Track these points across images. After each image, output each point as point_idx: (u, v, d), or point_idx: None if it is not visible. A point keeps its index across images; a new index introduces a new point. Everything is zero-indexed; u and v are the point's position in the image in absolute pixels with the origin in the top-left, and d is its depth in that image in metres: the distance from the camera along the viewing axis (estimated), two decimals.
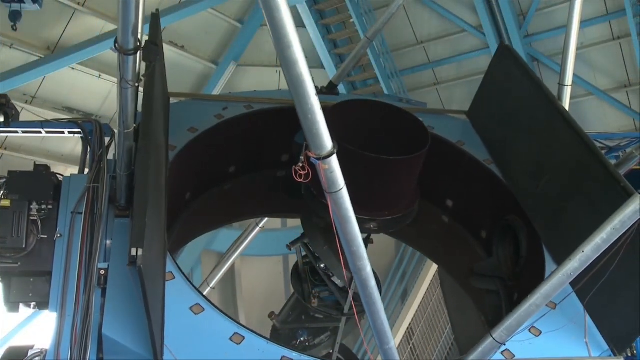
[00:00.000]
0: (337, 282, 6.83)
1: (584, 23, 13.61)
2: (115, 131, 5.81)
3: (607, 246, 4.44)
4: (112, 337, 4.62)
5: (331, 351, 6.91)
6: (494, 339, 4.77)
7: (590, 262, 4.54)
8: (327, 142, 3.78)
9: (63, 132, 6.33)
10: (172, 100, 7.28)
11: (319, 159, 3.78)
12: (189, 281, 5.24)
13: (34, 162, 5.92)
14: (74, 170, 6.11)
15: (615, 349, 5.26)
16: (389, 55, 15.88)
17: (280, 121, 6.75)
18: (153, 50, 4.96)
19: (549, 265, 5.88)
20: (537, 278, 5.67)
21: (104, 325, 4.70)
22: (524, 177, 6.52)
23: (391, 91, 15.54)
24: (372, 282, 4.40)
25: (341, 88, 9.45)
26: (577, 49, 6.53)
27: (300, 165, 3.85)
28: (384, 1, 14.70)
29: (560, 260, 5.75)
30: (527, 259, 6.36)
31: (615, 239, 4.41)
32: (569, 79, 6.56)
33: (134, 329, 4.57)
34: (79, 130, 6.14)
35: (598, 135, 7.79)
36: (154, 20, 6.46)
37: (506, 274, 6.66)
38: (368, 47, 8.15)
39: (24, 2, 9.44)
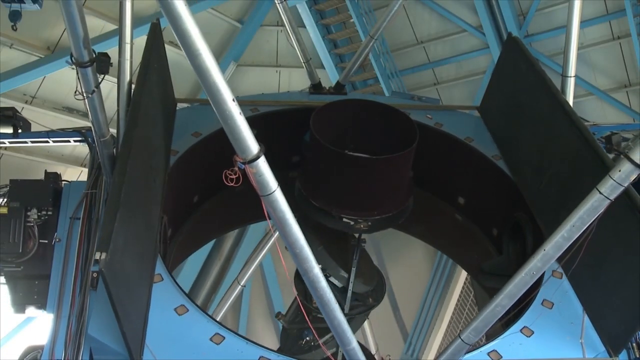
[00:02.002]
0: (335, 282, 6.82)
1: (584, 23, 13.61)
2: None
3: (569, 244, 4.41)
4: (96, 337, 4.71)
5: (337, 351, 6.88)
6: (462, 340, 4.77)
7: (554, 260, 4.49)
8: (252, 146, 3.81)
9: (69, 141, 6.61)
10: (181, 105, 7.40)
11: (244, 163, 3.82)
12: (176, 283, 5.35)
13: (45, 170, 6.13)
14: (75, 170, 6.26)
15: (611, 350, 5.14)
16: (389, 55, 15.88)
17: (287, 122, 6.79)
18: (105, 62, 5.14)
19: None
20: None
21: (90, 326, 4.79)
22: (530, 172, 6.46)
23: (391, 91, 15.54)
24: (322, 283, 4.35)
25: None
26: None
27: (232, 169, 3.89)
28: (384, 1, 14.70)
29: (559, 257, 5.74)
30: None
31: (577, 236, 4.37)
32: (572, 70, 6.38)
33: (117, 329, 4.63)
34: (83, 138, 6.43)
35: (614, 126, 7.65)
36: (153, 29, 6.54)
37: (515, 272, 6.57)
38: (373, 45, 8.13)
39: (24, 2, 9.41)
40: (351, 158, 6.34)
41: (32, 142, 6.91)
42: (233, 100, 3.65)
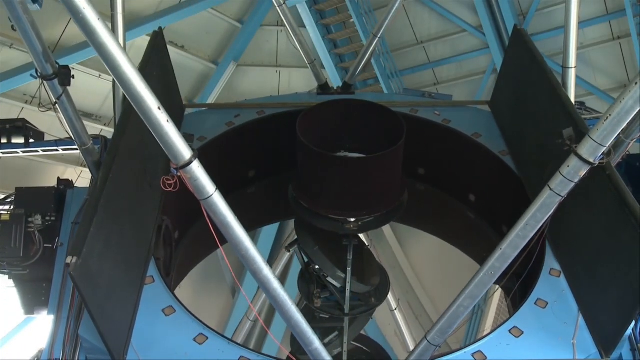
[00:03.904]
0: (333, 282, 6.81)
1: (584, 23, 13.62)
2: None
3: (525, 243, 4.38)
4: (86, 338, 4.85)
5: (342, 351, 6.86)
6: (428, 341, 4.78)
7: (512, 260, 4.44)
8: (184, 152, 3.83)
9: (77, 149, 6.76)
10: (191, 110, 7.60)
11: (177, 168, 3.85)
12: (166, 285, 5.47)
13: (58, 177, 6.39)
14: (75, 170, 6.42)
15: (603, 351, 4.93)
16: (389, 55, 15.87)
17: (295, 124, 6.81)
18: (65, 74, 5.33)
19: (548, 260, 5.65)
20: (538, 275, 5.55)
21: (81, 327, 4.94)
22: (533, 168, 6.33)
23: (391, 91, 15.52)
24: (274, 284, 4.34)
25: None
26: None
27: (170, 175, 3.93)
28: (384, 1, 14.69)
29: (558, 255, 5.62)
30: (536, 255, 6.16)
31: (533, 234, 4.34)
32: (572, 60, 6.28)
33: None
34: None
35: None
36: (154, 38, 6.58)
37: (522, 269, 6.45)
38: (376, 43, 8.11)
39: None
40: (333, 158, 6.34)
41: (44, 151, 7.44)
42: (159, 108, 3.68)
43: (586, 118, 7.25)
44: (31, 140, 7.55)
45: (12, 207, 5.97)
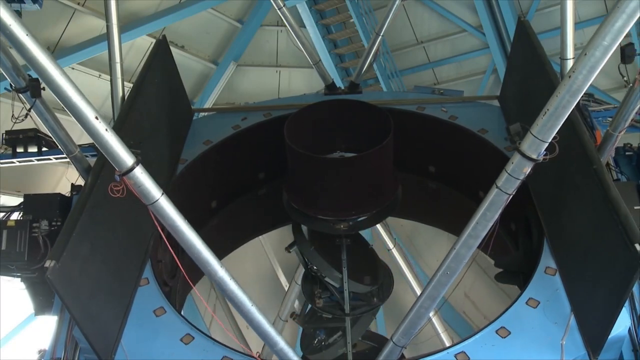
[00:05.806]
0: (331, 282, 6.82)
1: (584, 23, 13.61)
2: None
3: (478, 242, 4.39)
4: (80, 338, 4.99)
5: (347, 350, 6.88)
6: (394, 343, 4.82)
7: (466, 260, 4.45)
8: (125, 159, 3.89)
9: (87, 156, 7.02)
10: (201, 114, 7.75)
11: (120, 175, 3.92)
12: (160, 287, 5.60)
13: (72, 184, 6.53)
14: (66, 172, 6.62)
15: (590, 352, 4.84)
16: (389, 55, 15.86)
17: None
18: (35, 87, 5.50)
19: (545, 258, 5.57)
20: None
21: (75, 328, 5.05)
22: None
23: (391, 91, 15.51)
24: (230, 285, 4.35)
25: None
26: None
27: (117, 181, 4.01)
28: (384, 1, 14.69)
29: (555, 253, 5.54)
30: (537, 253, 5.92)
31: (485, 232, 4.33)
32: (570, 52, 6.19)
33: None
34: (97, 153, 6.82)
35: None
36: (157, 46, 6.61)
37: (528, 268, 6.25)
38: (380, 42, 8.10)
39: (24, 2, 9.45)
40: (315, 159, 6.35)
41: (56, 159, 7.70)
42: (96, 117, 3.76)
43: (595, 110, 7.16)
44: (44, 149, 7.85)
45: (21, 213, 6.17)
